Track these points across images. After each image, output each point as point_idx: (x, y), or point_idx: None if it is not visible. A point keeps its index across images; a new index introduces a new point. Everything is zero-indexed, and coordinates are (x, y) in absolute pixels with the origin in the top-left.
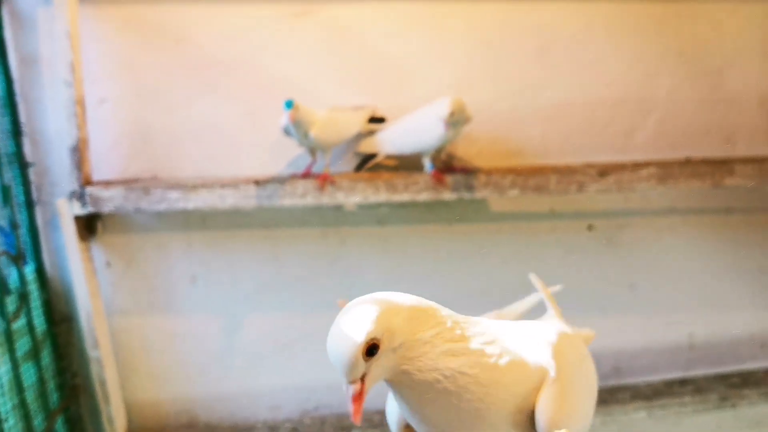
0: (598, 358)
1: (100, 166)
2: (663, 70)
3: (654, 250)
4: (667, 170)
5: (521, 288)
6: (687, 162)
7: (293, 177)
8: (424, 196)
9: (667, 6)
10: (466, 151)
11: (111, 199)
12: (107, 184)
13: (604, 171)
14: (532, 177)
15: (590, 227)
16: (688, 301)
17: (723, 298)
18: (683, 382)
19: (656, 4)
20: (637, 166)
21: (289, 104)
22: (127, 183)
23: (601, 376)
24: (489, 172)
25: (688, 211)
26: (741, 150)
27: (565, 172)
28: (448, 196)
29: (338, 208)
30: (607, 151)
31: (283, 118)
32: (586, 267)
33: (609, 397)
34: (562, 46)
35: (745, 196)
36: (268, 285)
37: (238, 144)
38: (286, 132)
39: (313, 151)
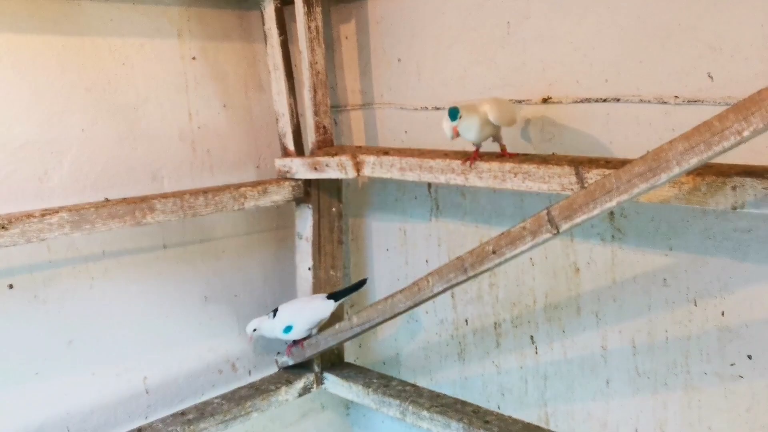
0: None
1: None
2: (72, 108)
3: (90, 299)
4: (82, 214)
5: None
6: (105, 203)
7: None
8: None
9: (68, 39)
10: None
11: None
12: None
13: (7, 223)
14: None
15: (11, 286)
16: (139, 344)
17: (174, 333)
18: None
19: (57, 37)
20: (45, 213)
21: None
22: None
23: None
24: None
25: (122, 253)
26: (169, 185)
27: None
28: None
29: None
30: (17, 200)
31: None
32: (10, 331)
33: None
34: None
35: (179, 229)
36: None
37: None
38: None
39: None
